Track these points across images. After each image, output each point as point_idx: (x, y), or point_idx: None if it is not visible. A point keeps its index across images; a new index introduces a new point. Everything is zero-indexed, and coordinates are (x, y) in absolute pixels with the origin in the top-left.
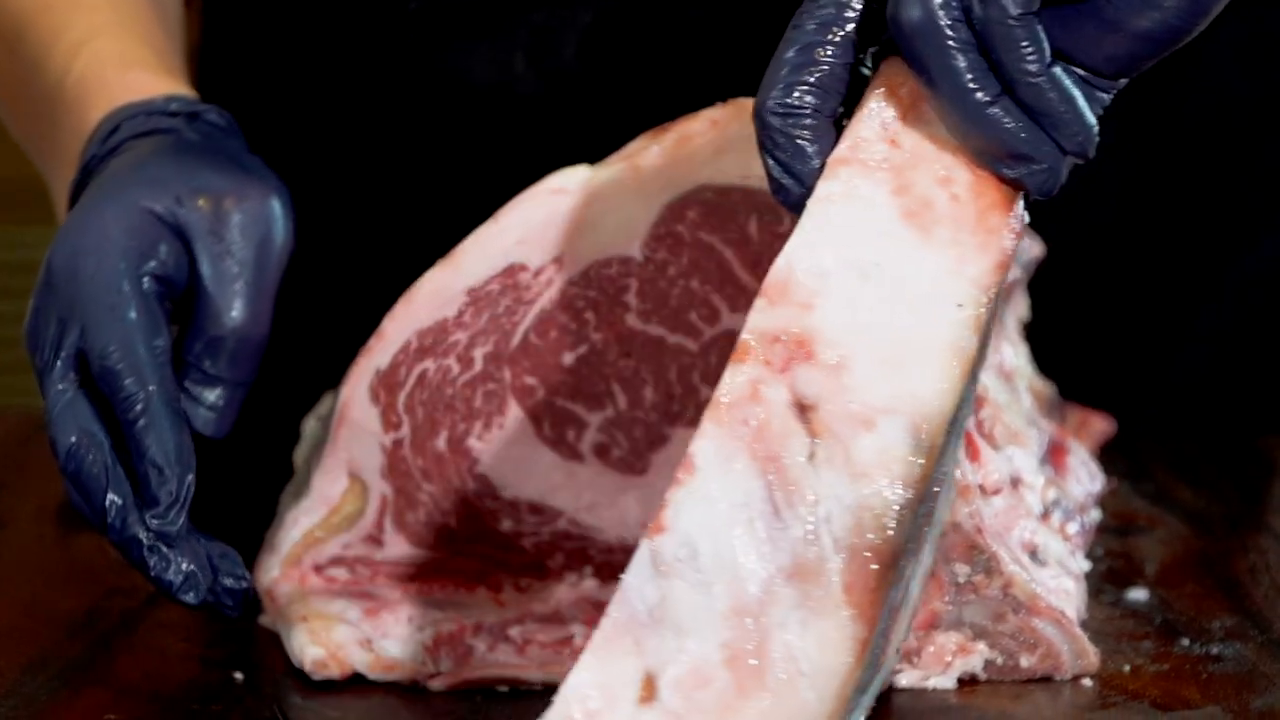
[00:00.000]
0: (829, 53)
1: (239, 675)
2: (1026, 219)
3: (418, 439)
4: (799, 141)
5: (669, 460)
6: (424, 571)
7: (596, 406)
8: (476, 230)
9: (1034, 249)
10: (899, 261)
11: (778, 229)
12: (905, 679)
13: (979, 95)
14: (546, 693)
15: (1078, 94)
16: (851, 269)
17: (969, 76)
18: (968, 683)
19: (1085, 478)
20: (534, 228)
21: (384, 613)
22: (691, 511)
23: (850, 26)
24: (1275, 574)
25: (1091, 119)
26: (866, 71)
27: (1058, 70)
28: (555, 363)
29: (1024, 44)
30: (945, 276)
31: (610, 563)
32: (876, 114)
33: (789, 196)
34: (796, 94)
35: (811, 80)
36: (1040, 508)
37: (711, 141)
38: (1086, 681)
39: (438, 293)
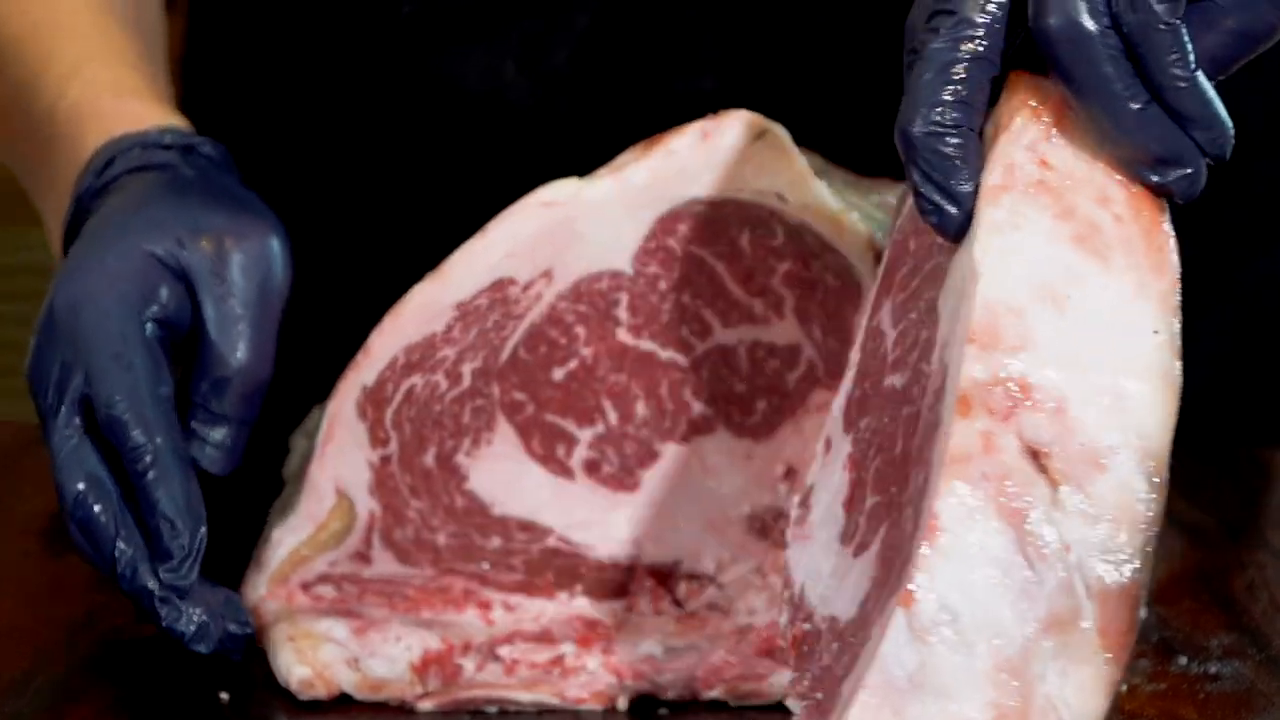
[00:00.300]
0: (969, 68)
1: (225, 695)
2: None
3: (405, 455)
4: (953, 162)
5: (660, 476)
6: (412, 590)
7: (587, 422)
8: (465, 244)
9: None
10: (1087, 291)
11: (770, 242)
12: None
13: (1131, 103)
14: (536, 714)
15: (1216, 96)
16: (1046, 303)
17: (1120, 84)
18: None
19: None
20: (523, 241)
21: (371, 631)
22: (945, 572)
23: (985, 39)
24: (1274, 590)
25: (1229, 120)
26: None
27: (1200, 73)
28: (545, 378)
29: (1173, 49)
30: (1133, 303)
31: (601, 580)
32: (1021, 134)
33: (948, 222)
34: (942, 113)
35: (956, 98)
36: None
37: (701, 155)
38: None
39: (425, 307)
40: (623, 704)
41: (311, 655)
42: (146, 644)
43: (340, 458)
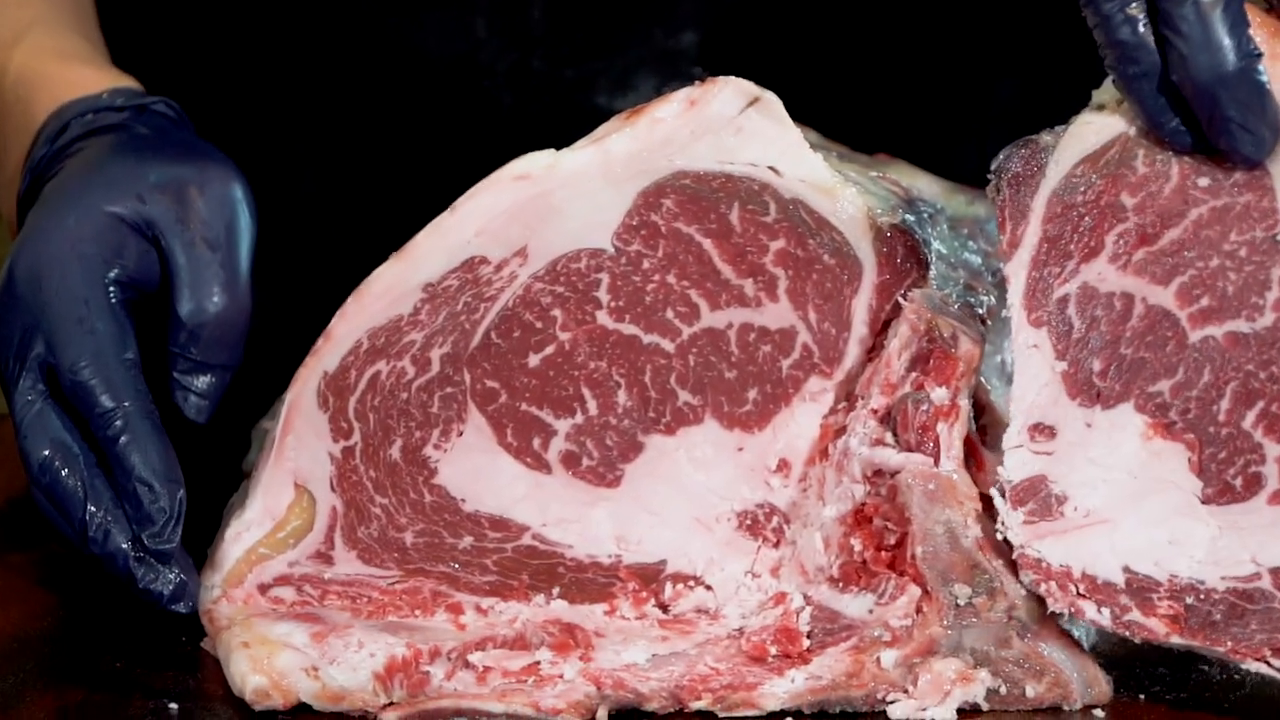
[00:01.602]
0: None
1: (174, 706)
2: None
3: (369, 448)
4: (1266, 89)
5: (643, 470)
6: (377, 592)
7: (565, 412)
8: (433, 221)
9: None
10: None
11: (762, 218)
12: (899, 710)
13: None
14: None
15: None
16: None
17: None
18: (968, 714)
19: None
20: (495, 218)
21: (332, 637)
22: None
23: None
24: None
25: None
26: None
27: None
28: (519, 364)
29: None
30: None
31: (580, 582)
32: None
33: (1263, 147)
34: (1246, 43)
35: (1247, 25)
36: None
37: (688, 123)
38: (1098, 712)
39: (390, 289)
40: (603, 715)
41: (267, 663)
42: (91, 651)
43: (300, 450)
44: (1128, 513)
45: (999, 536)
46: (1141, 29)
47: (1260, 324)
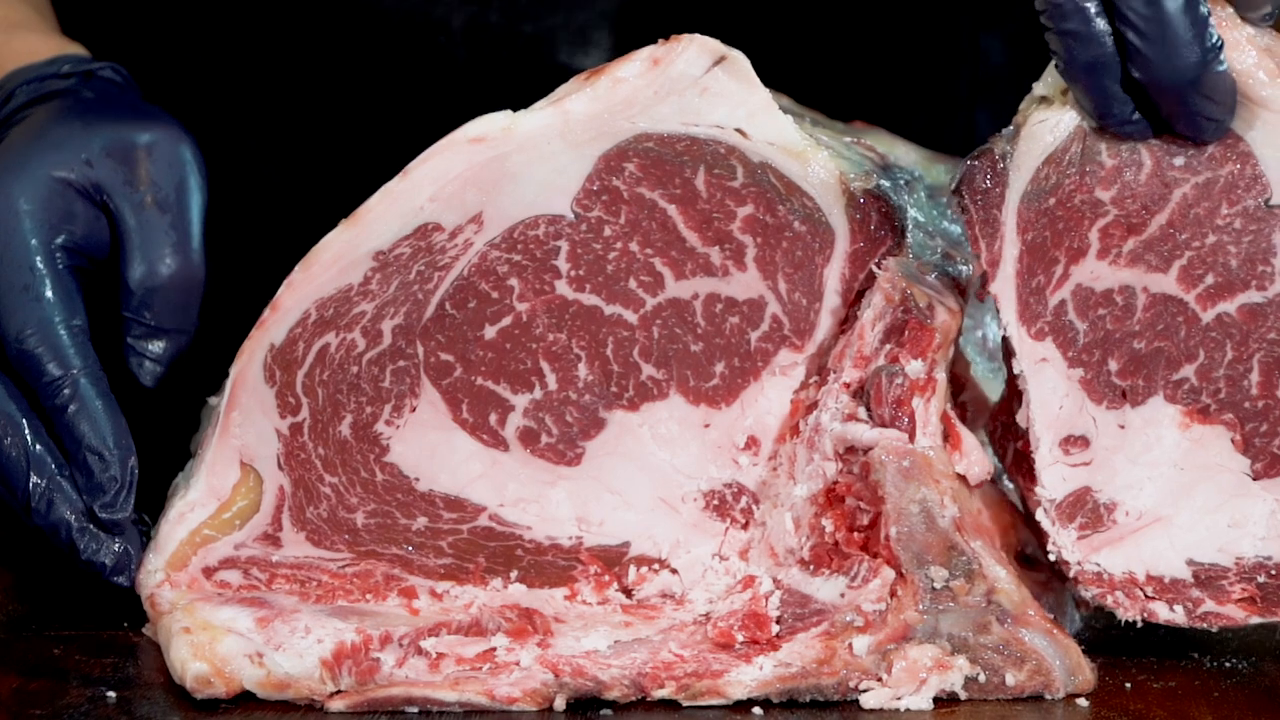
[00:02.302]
0: None
1: (111, 694)
2: None
3: (318, 424)
4: (1230, 80)
5: (605, 448)
6: (327, 575)
7: (522, 387)
8: (384, 186)
9: None
10: None
11: (729, 183)
12: (873, 699)
13: None
14: (463, 715)
15: None
16: None
17: None
18: (945, 703)
19: None
20: (449, 182)
21: (278, 622)
22: None
23: None
24: None
25: None
26: None
27: None
28: (475, 336)
29: None
30: None
31: (539, 565)
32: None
33: (1222, 130)
34: (1208, 36)
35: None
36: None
37: (651, 83)
38: (1082, 701)
39: (340, 257)
40: (560, 704)
41: (209, 649)
42: (29, 638)
43: (245, 427)
44: (1181, 506)
45: (1050, 558)
46: (1094, 20)
47: (1273, 290)
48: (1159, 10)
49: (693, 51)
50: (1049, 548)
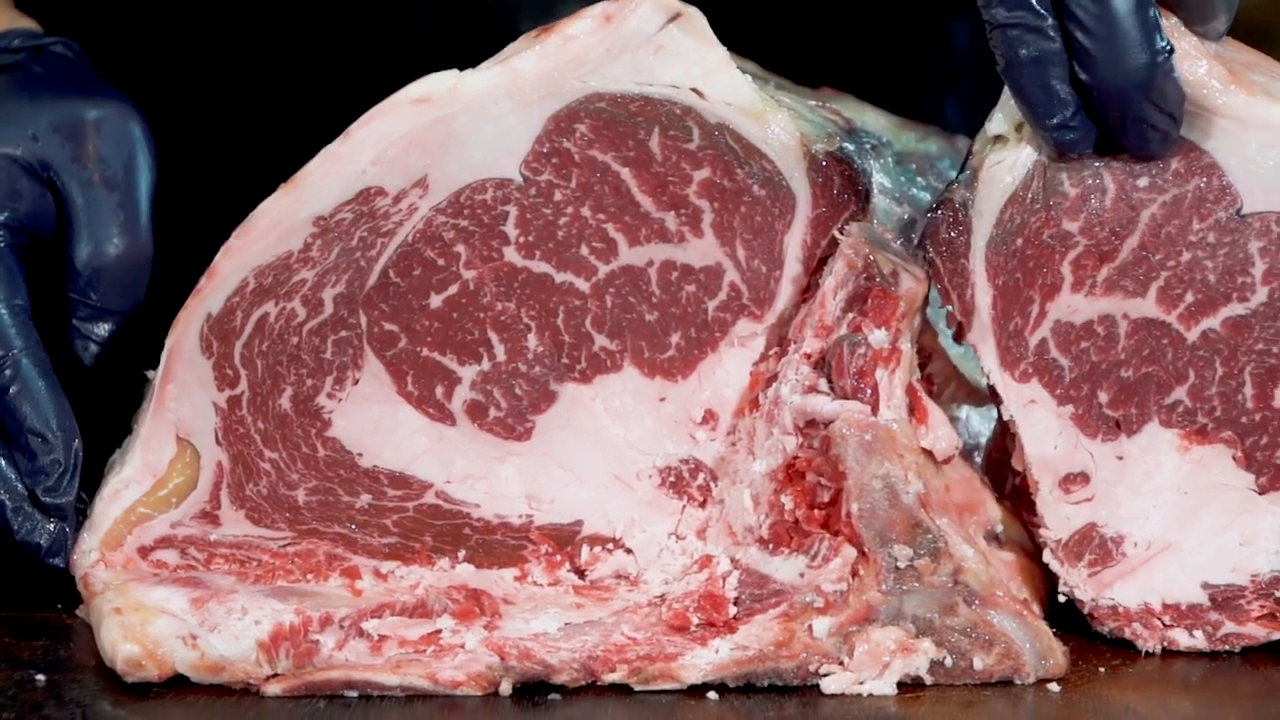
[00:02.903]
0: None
1: (41, 678)
2: None
3: (257, 397)
4: (1179, 89)
5: (556, 422)
6: (267, 555)
7: (470, 358)
8: (325, 149)
9: None
10: None
11: (685, 145)
12: (834, 683)
13: None
14: (404, 701)
15: None
16: None
17: None
18: (910, 688)
19: None
20: (392, 145)
21: (213, 603)
22: None
23: None
24: None
25: None
26: None
27: None
28: (420, 305)
29: None
30: None
31: (488, 544)
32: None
33: (1170, 143)
34: (1156, 42)
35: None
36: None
37: (603, 41)
38: (1053, 686)
39: (279, 223)
40: (506, 688)
41: (141, 630)
42: None
43: (181, 400)
44: (1189, 530)
45: (1061, 599)
46: (1041, 12)
47: (1256, 301)
48: (1107, 8)
49: (647, 8)
50: (1060, 588)
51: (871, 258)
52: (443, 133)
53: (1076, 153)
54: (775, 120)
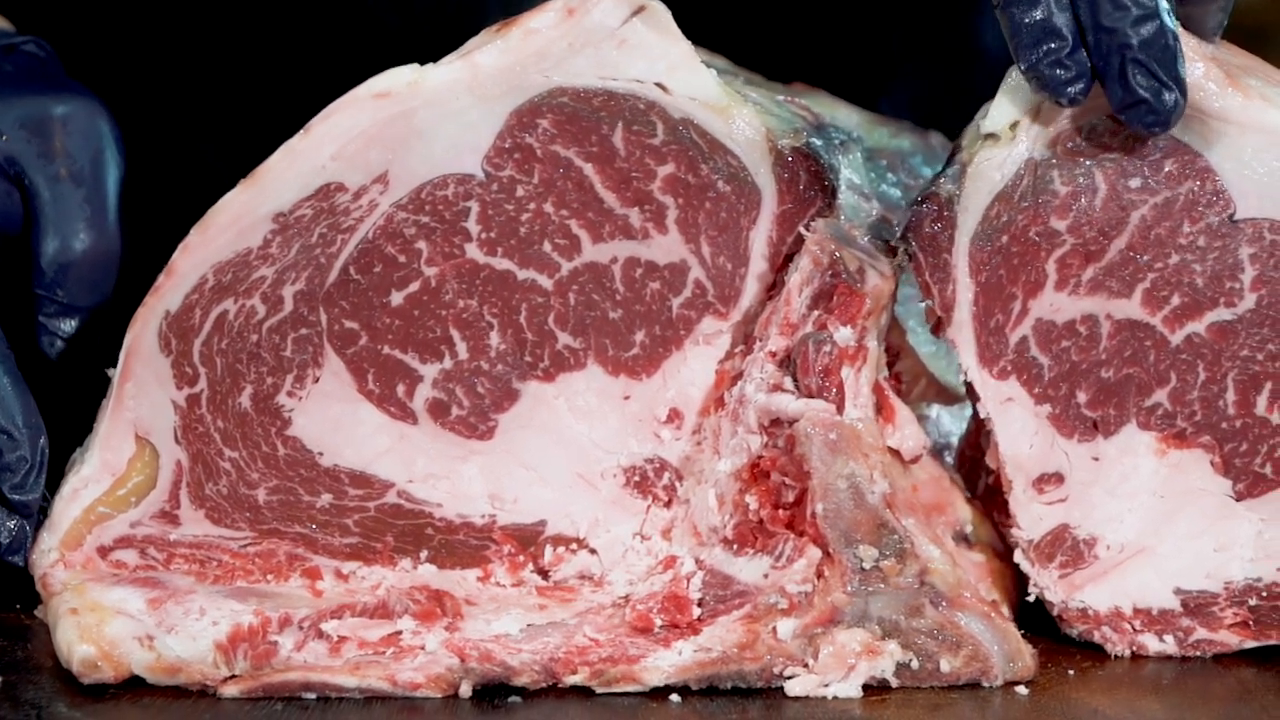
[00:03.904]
0: None
1: None
2: None
3: (217, 395)
4: (1177, 48)
5: (519, 421)
6: (228, 555)
7: (431, 356)
8: (285, 144)
9: None
10: None
11: (649, 140)
12: (798, 686)
13: None
14: (363, 703)
15: None
16: None
17: None
18: (876, 690)
19: None
20: (353, 140)
21: (171, 603)
22: None
23: None
24: None
25: None
26: None
27: None
28: (381, 303)
29: None
30: None
31: (450, 545)
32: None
33: (1166, 112)
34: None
35: None
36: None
37: (566, 35)
38: (1021, 689)
39: (238, 219)
40: (466, 690)
41: (97, 631)
42: None
43: (140, 399)
44: (1164, 534)
45: (1030, 599)
46: None
47: (1243, 307)
48: None
49: (609, 1)
50: (1030, 589)
51: (837, 254)
52: (403, 128)
53: (1065, 97)
54: (740, 115)
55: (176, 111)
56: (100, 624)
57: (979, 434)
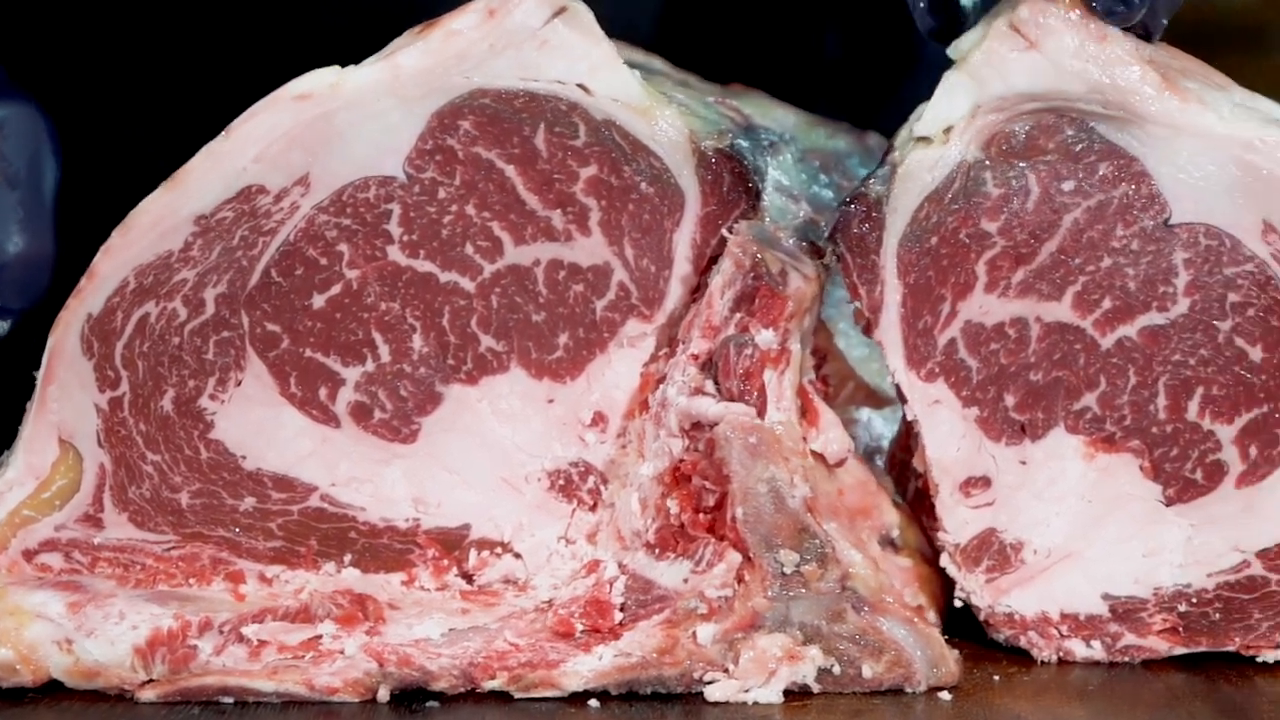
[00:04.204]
0: None
1: None
2: None
3: (139, 399)
4: None
5: (442, 424)
6: (151, 559)
7: (354, 359)
8: (206, 146)
9: None
10: None
11: (571, 142)
12: (718, 691)
13: None
14: (280, 707)
15: None
16: None
17: None
18: (797, 695)
19: None
20: (274, 142)
21: (90, 607)
22: None
23: None
24: None
25: None
26: None
27: None
28: (302, 306)
29: None
30: None
31: (374, 549)
32: None
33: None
34: None
35: None
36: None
37: (487, 36)
38: (944, 695)
39: (159, 221)
40: (383, 695)
41: (16, 635)
42: None
43: (63, 401)
44: (1092, 539)
45: (957, 604)
46: None
47: (1176, 311)
48: None
49: (530, 2)
50: (957, 593)
51: (759, 256)
52: (324, 130)
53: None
54: (663, 116)
55: (116, 113)
56: (20, 628)
57: (908, 437)
